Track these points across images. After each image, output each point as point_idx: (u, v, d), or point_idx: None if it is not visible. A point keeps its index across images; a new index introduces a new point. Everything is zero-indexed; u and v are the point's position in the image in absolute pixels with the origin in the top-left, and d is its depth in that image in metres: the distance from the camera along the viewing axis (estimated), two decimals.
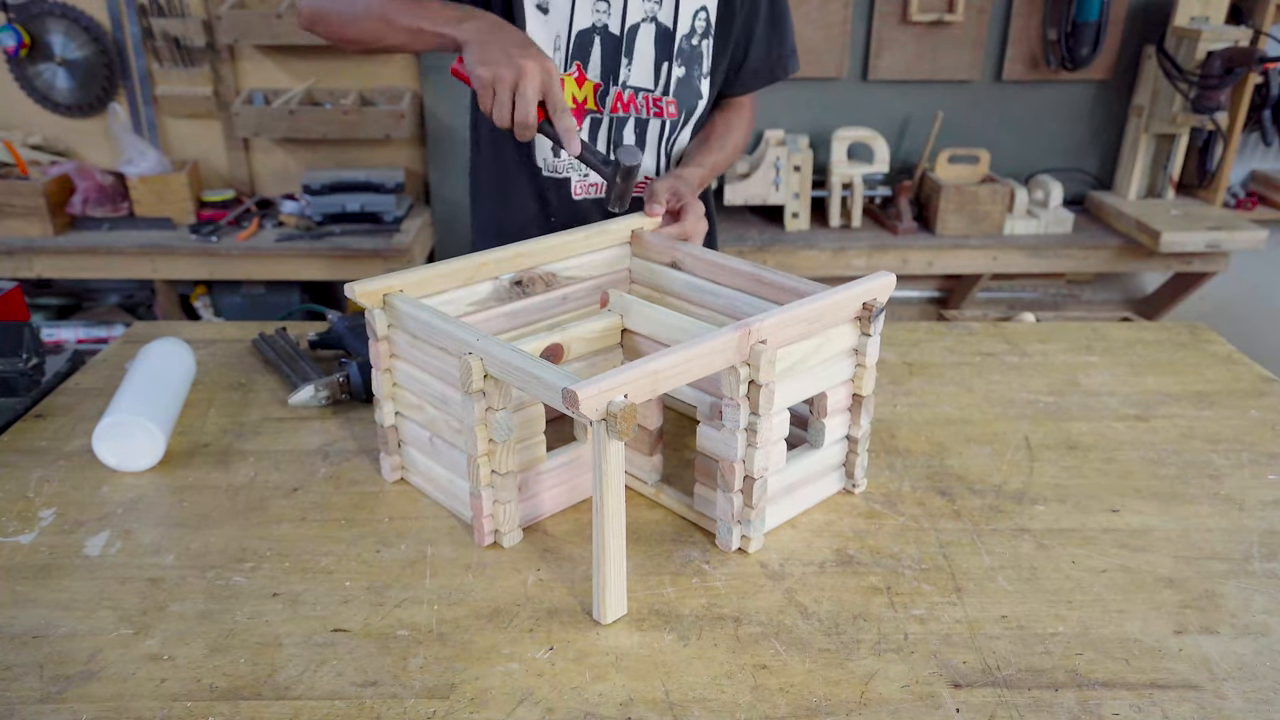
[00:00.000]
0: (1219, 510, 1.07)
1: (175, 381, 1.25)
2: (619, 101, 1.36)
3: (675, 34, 1.32)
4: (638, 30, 1.31)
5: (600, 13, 1.29)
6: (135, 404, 1.14)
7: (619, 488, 0.84)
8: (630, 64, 1.33)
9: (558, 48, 1.32)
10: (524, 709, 0.79)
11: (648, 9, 1.31)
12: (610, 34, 1.30)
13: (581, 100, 1.34)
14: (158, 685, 0.81)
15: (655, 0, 1.31)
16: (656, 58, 1.33)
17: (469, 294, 1.10)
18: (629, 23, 1.30)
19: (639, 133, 1.39)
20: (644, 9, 1.31)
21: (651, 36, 1.32)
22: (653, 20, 1.31)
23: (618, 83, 1.34)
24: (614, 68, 1.33)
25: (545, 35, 1.31)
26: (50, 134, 3.11)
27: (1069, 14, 2.92)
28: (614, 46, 1.32)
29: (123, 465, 1.13)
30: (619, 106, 1.36)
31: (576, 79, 1.33)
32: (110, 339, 2.66)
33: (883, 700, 0.80)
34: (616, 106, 1.36)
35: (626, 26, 1.30)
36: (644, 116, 1.38)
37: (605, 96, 1.36)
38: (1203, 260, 2.92)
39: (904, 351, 1.46)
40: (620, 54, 1.32)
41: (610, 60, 1.33)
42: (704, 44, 1.35)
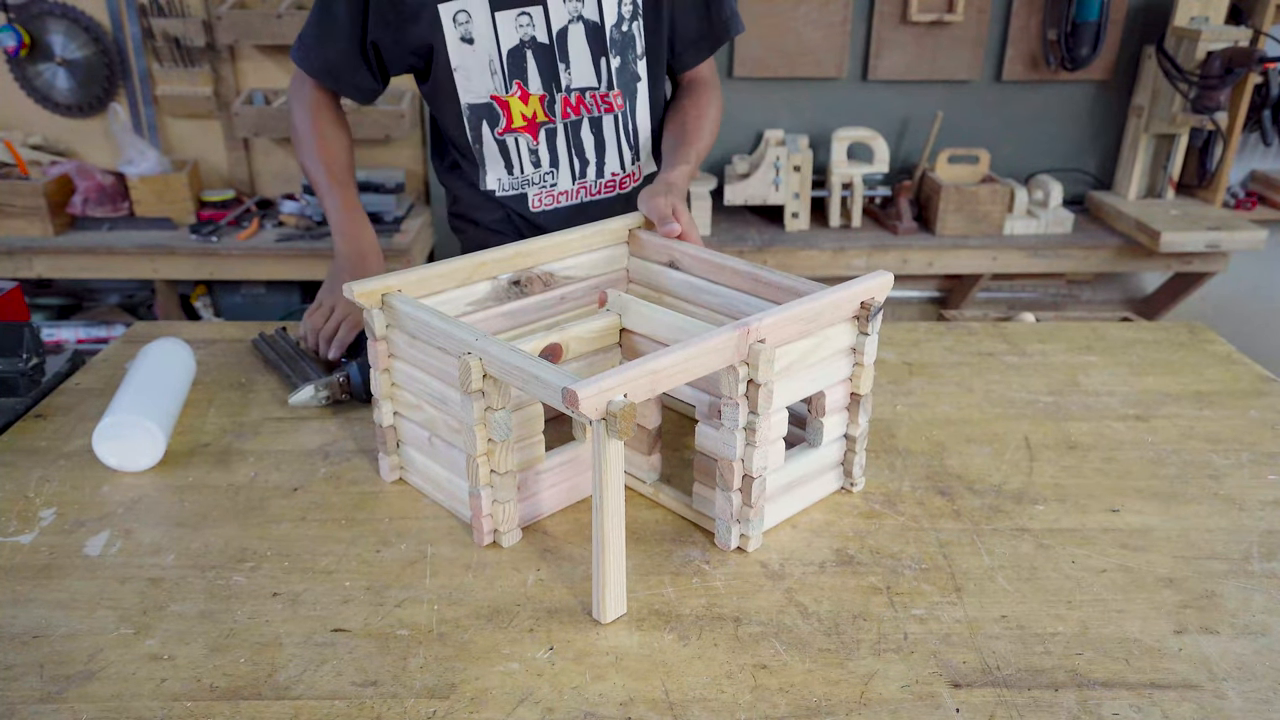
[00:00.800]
0: (1219, 510, 1.07)
1: (175, 381, 1.25)
2: (567, 106, 1.36)
3: (605, 26, 1.31)
4: (567, 32, 1.31)
5: (524, 27, 1.29)
6: (135, 404, 1.14)
7: (618, 487, 0.84)
8: (568, 68, 1.33)
9: (494, 71, 1.32)
10: (524, 709, 0.79)
11: (571, 9, 1.30)
12: (540, 44, 1.30)
13: (530, 115, 1.35)
14: (158, 685, 0.81)
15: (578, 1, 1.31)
16: (593, 54, 1.33)
17: (467, 294, 1.10)
18: (555, 28, 1.30)
19: (595, 132, 1.39)
20: (567, 10, 1.30)
21: (582, 35, 1.31)
22: (579, 19, 1.30)
23: (561, 89, 1.34)
24: (553, 75, 1.33)
25: (477, 64, 1.31)
26: (50, 134, 3.12)
27: (1069, 14, 2.92)
28: (548, 55, 1.32)
29: (123, 465, 1.13)
30: (568, 111, 1.36)
31: (520, 97, 1.33)
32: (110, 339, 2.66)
33: (883, 700, 0.80)
34: (566, 112, 1.36)
35: (554, 32, 1.30)
36: (596, 114, 1.38)
37: (553, 105, 1.36)
38: (1203, 260, 2.92)
39: (904, 351, 1.46)
40: (555, 60, 1.32)
41: (547, 69, 1.33)
42: (634, 26, 1.34)
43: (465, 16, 1.28)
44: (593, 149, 1.40)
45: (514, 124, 1.36)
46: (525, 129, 1.37)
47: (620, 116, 1.39)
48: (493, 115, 1.36)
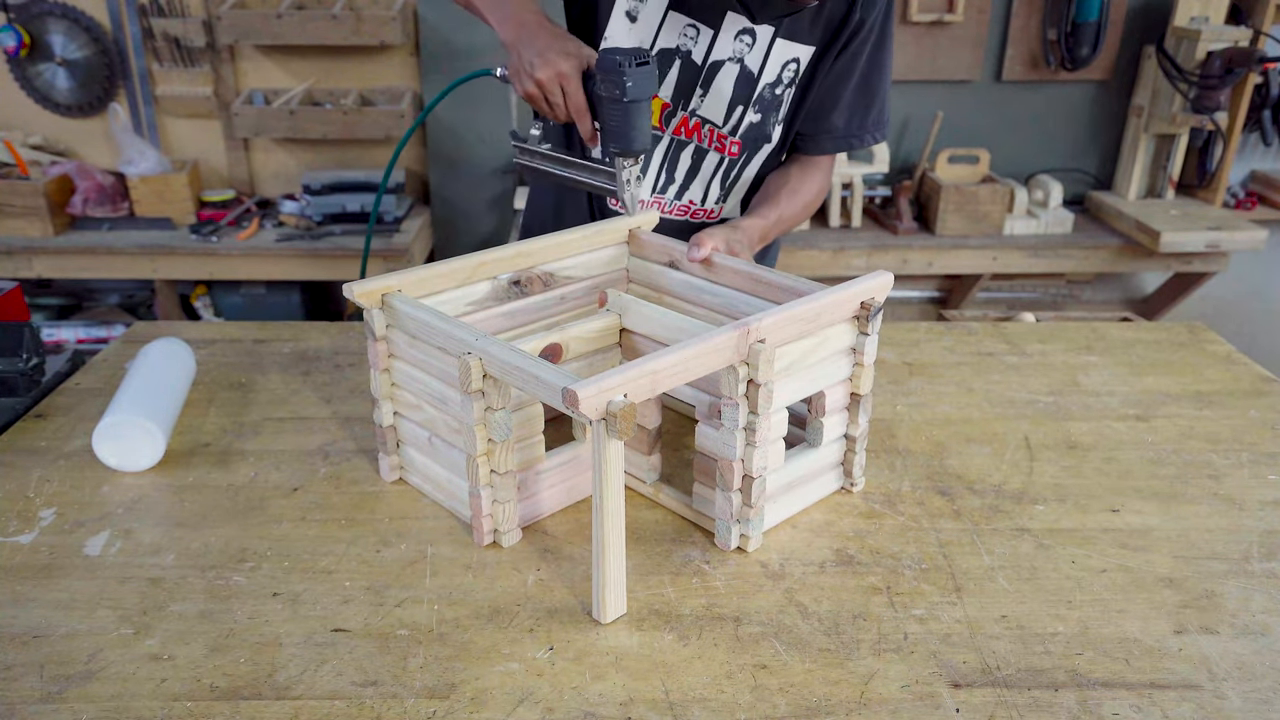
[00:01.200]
0: (1219, 510, 1.07)
1: (175, 381, 1.25)
2: (684, 126, 1.32)
3: (759, 80, 1.27)
4: (720, 67, 1.26)
5: (688, 38, 1.25)
6: (135, 404, 1.14)
7: (618, 487, 0.84)
8: (704, 96, 1.29)
9: None
10: (524, 709, 0.79)
11: (736, 49, 1.25)
12: (691, 61, 1.26)
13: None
14: (158, 685, 0.81)
15: (747, 43, 1.25)
16: (733, 99, 1.29)
17: (467, 294, 1.10)
18: (713, 58, 1.26)
19: (695, 160, 1.35)
20: (733, 48, 1.25)
21: (733, 77, 1.27)
22: (738, 61, 1.26)
23: (687, 109, 1.30)
24: (687, 94, 1.29)
25: (627, 43, 1.27)
26: (50, 134, 3.11)
27: (1069, 14, 2.92)
28: (692, 75, 1.28)
29: (123, 465, 1.13)
30: (683, 130, 1.32)
31: None
32: (110, 339, 2.67)
33: (882, 700, 0.80)
34: (680, 130, 1.32)
35: (710, 60, 1.26)
36: (705, 147, 1.33)
37: (671, 117, 1.32)
38: (1202, 260, 2.92)
39: (904, 351, 1.46)
40: (696, 84, 1.28)
41: (685, 87, 1.29)
42: (786, 93, 1.30)
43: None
44: (683, 172, 1.36)
45: None
46: None
47: (726, 160, 1.35)
48: None
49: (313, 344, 1.47)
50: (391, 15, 2.80)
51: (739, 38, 1.25)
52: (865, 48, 1.28)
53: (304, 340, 1.49)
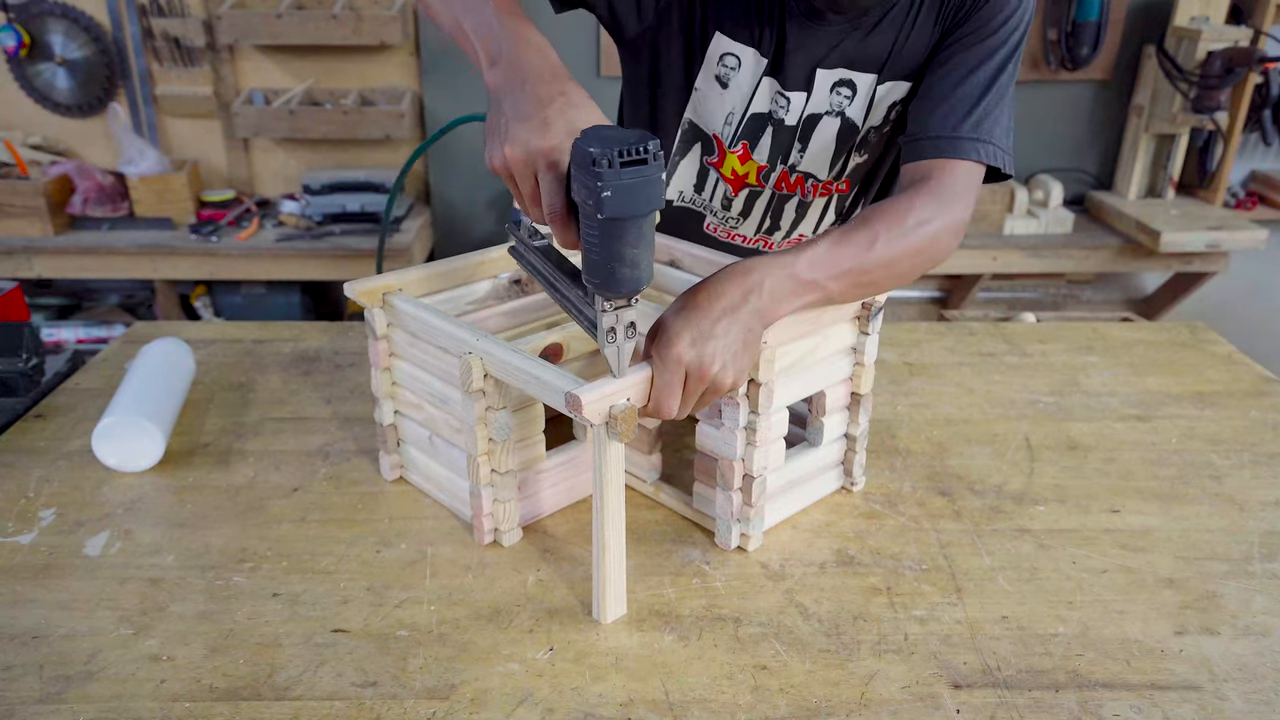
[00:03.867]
0: (1219, 510, 1.07)
1: (175, 381, 1.25)
2: (784, 181, 1.22)
3: (863, 127, 1.16)
4: (818, 121, 1.16)
5: (780, 107, 1.15)
6: (135, 404, 1.14)
7: (619, 488, 0.84)
8: (804, 151, 1.18)
9: (728, 123, 1.18)
10: (524, 709, 0.79)
11: (835, 102, 1.14)
12: (785, 125, 1.16)
13: (742, 175, 1.22)
14: (158, 685, 0.81)
15: (846, 95, 1.13)
16: (836, 150, 1.18)
17: (468, 293, 1.10)
18: (809, 113, 1.15)
19: (800, 211, 1.26)
20: (829, 101, 1.14)
21: (835, 130, 1.16)
22: (839, 114, 1.14)
23: (786, 164, 1.20)
24: (784, 152, 1.19)
25: (719, 106, 1.18)
26: (50, 134, 3.11)
27: (1069, 14, 2.92)
28: (786, 136, 1.18)
29: (123, 465, 1.13)
30: (784, 186, 1.23)
31: (740, 157, 1.20)
32: (110, 339, 2.66)
33: (883, 701, 0.80)
34: (781, 185, 1.23)
35: (805, 116, 1.15)
36: (808, 200, 1.24)
37: (769, 175, 1.22)
38: (1203, 260, 2.92)
39: (904, 351, 1.46)
40: (794, 141, 1.18)
41: (780, 148, 1.19)
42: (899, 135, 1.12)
43: (734, 61, 1.13)
44: (790, 221, 1.27)
45: (722, 169, 1.23)
46: (731, 182, 1.23)
47: (836, 198, 1.25)
48: (709, 146, 1.22)
49: (313, 344, 1.47)
50: (391, 15, 2.80)
51: (836, 90, 1.13)
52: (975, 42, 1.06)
53: (304, 340, 1.49)
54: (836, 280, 0.91)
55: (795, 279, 0.88)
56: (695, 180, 1.27)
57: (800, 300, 0.89)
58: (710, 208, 1.29)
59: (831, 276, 0.90)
